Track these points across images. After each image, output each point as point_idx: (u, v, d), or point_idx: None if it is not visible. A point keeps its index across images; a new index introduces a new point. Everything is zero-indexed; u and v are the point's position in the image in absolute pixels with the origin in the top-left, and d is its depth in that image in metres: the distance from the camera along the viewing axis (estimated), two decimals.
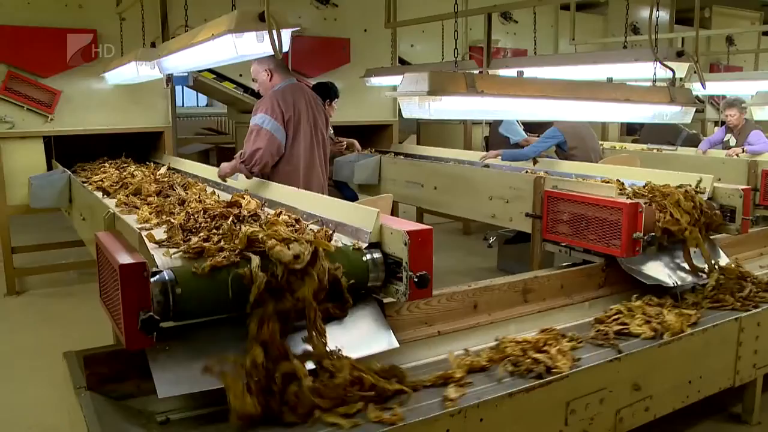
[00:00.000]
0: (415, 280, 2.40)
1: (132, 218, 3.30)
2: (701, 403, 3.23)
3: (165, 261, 2.22)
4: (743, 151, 6.38)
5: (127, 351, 2.09)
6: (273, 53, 2.68)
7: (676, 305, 3.36)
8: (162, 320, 2.08)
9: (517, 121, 6.41)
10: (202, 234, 2.46)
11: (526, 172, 5.14)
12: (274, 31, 2.61)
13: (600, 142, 7.42)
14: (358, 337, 2.50)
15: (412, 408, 2.29)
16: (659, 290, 3.52)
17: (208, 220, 2.73)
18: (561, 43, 9.10)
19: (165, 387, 2.13)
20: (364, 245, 2.54)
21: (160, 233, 2.60)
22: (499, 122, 6.51)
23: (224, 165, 4.14)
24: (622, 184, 4.07)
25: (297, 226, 2.60)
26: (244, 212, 2.89)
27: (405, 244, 2.40)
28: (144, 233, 2.50)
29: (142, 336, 2.03)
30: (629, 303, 3.36)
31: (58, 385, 2.58)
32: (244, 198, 3.11)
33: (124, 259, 2.07)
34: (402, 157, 6.58)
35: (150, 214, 3.36)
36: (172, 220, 2.83)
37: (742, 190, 3.86)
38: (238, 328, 2.22)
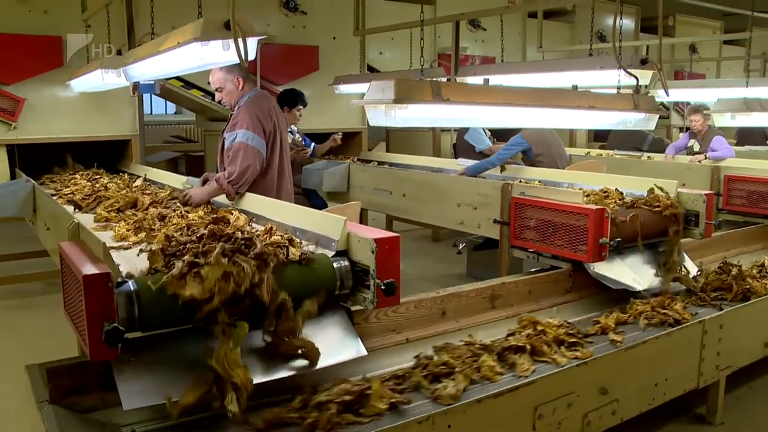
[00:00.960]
0: (383, 287, 2.39)
1: (107, 235, 3.08)
2: (667, 405, 3.27)
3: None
4: (706, 158, 6.50)
5: (91, 363, 2.06)
6: (239, 61, 2.66)
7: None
8: (127, 331, 2.05)
9: (484, 129, 6.44)
10: (187, 257, 2.23)
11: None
12: (240, 40, 2.59)
13: (568, 149, 7.52)
14: (326, 346, 2.47)
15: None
16: (626, 294, 3.56)
17: (194, 240, 2.48)
18: (529, 50, 9.19)
19: (130, 399, 2.10)
20: (332, 253, 2.53)
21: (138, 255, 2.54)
22: (465, 130, 6.54)
23: (197, 192, 3.79)
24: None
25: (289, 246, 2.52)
26: (230, 231, 2.58)
27: (372, 252, 2.39)
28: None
29: (107, 347, 2.00)
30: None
31: (20, 399, 2.52)
32: (231, 214, 2.98)
33: (88, 269, 2.04)
34: (371, 164, 6.58)
35: (127, 230, 3.11)
36: (152, 246, 2.48)
37: (705, 195, 3.92)
38: (204, 337, 2.20)
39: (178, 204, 3.65)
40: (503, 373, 2.68)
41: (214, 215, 3.04)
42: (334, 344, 2.51)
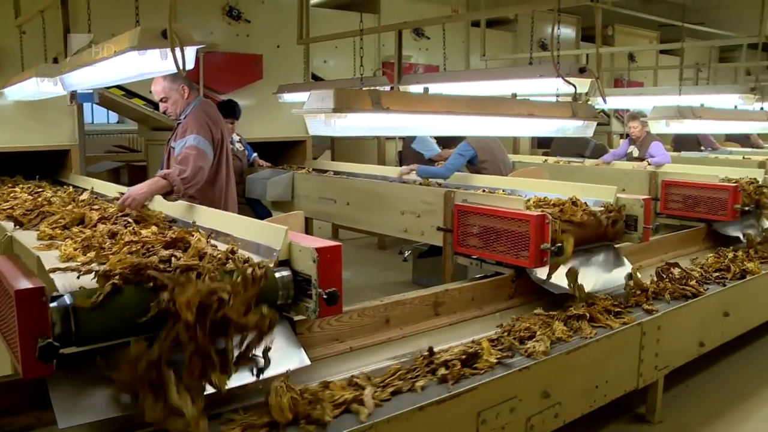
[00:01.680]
0: (325, 297, 2.39)
1: (53, 255, 2.79)
2: (608, 405, 3.32)
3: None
4: (648, 164, 6.67)
5: (25, 381, 2.00)
6: (177, 71, 2.63)
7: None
8: (63, 346, 2.00)
9: (431, 135, 6.49)
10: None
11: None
12: (177, 49, 2.56)
13: (512, 155, 7.62)
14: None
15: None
16: (568, 299, 3.61)
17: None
18: (472, 58, 9.30)
19: (66, 417, 2.04)
20: (273, 263, 2.52)
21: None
22: (411, 138, 6.58)
23: (136, 191, 3.56)
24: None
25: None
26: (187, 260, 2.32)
27: (314, 261, 2.39)
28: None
29: (41, 364, 1.94)
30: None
31: None
32: (192, 235, 2.70)
33: (21, 284, 1.98)
34: (315, 172, 6.56)
35: (75, 249, 2.80)
36: (96, 268, 2.25)
37: (643, 200, 4.03)
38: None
39: (129, 220, 3.33)
40: (572, 335, 3.16)
41: (171, 232, 2.87)
42: (277, 354, 2.49)
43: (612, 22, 11.34)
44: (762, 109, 5.51)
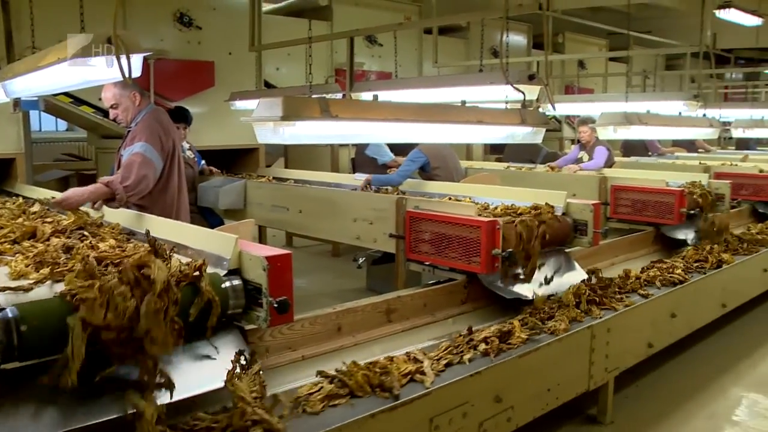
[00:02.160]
0: (275, 305, 2.37)
1: (2, 272, 2.63)
2: (560, 408, 3.36)
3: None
4: (580, 169, 6.80)
5: None
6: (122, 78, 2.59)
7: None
8: (4, 362, 1.94)
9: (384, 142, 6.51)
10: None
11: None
12: (124, 56, 2.52)
13: (465, 162, 7.69)
14: (220, 367, 2.43)
15: None
16: (519, 304, 3.65)
17: None
18: (425, 65, 9.35)
19: None
20: (223, 272, 2.49)
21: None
22: (365, 144, 6.58)
23: (72, 193, 3.54)
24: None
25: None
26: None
27: (264, 270, 2.38)
28: None
29: None
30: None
31: None
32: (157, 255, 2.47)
33: None
34: (267, 180, 6.51)
35: (27, 266, 2.62)
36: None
37: (592, 204, 4.09)
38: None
39: (85, 233, 3.17)
40: (584, 317, 3.55)
41: (130, 244, 2.81)
42: (227, 365, 2.47)
43: (562, 30, 11.54)
44: (704, 115, 5.65)
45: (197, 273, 2.32)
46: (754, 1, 7.59)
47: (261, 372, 2.43)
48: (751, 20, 8.32)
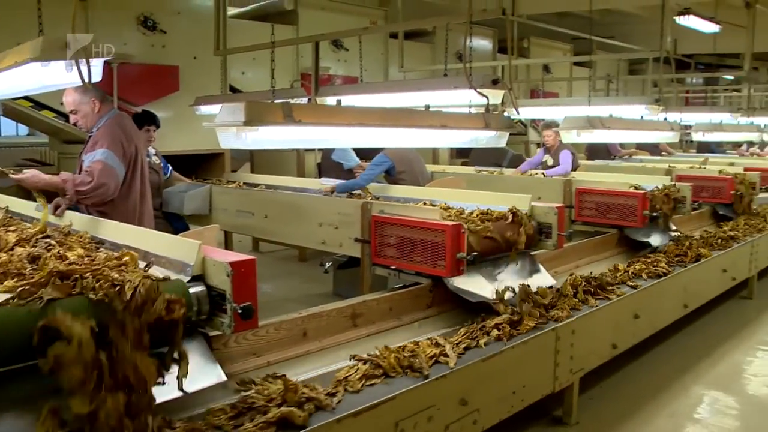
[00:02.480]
0: (240, 311, 2.37)
1: None
2: (526, 409, 3.38)
3: None
4: (543, 175, 6.87)
5: None
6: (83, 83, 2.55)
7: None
8: None
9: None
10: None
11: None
12: (83, 60, 2.49)
13: (431, 166, 7.72)
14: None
15: None
16: (485, 307, 3.66)
17: None
18: (391, 70, 9.38)
19: None
20: (187, 278, 2.48)
21: None
22: (331, 149, 6.58)
23: (36, 175, 3.60)
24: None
25: None
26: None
27: (228, 276, 2.37)
28: None
29: None
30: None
31: None
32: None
33: None
34: (238, 186, 6.47)
35: None
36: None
37: (557, 208, 4.14)
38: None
39: (52, 242, 3.01)
40: (581, 305, 3.85)
41: (100, 253, 2.70)
42: (192, 371, 2.44)
43: (528, 34, 11.67)
44: (665, 119, 5.75)
45: None
46: (711, 8, 7.74)
47: None
48: (709, 27, 8.50)
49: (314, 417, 2.39)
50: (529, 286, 3.75)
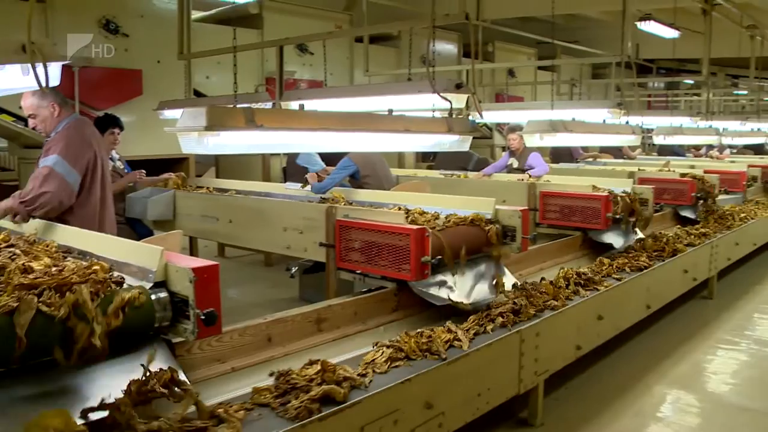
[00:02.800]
0: (203, 317, 2.35)
1: None
2: (492, 412, 3.40)
3: None
4: (529, 176, 6.92)
5: None
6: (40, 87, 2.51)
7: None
8: None
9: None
10: None
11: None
12: (40, 64, 2.45)
13: (397, 169, 7.73)
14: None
15: None
16: (451, 310, 3.67)
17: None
18: (357, 74, 9.39)
19: None
20: (149, 285, 2.45)
21: None
22: (296, 153, 6.55)
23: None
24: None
25: None
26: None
27: (191, 282, 2.35)
28: None
29: None
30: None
31: None
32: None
33: None
34: (208, 191, 6.41)
35: None
36: None
37: (521, 211, 4.16)
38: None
39: (16, 252, 2.85)
40: (575, 296, 4.15)
41: (68, 263, 2.59)
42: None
43: (492, 39, 11.76)
44: (627, 122, 5.83)
45: None
46: (671, 14, 7.90)
47: None
48: (669, 32, 8.67)
49: (350, 394, 2.62)
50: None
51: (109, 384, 2.29)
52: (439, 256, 3.59)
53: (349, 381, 2.66)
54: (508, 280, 4.16)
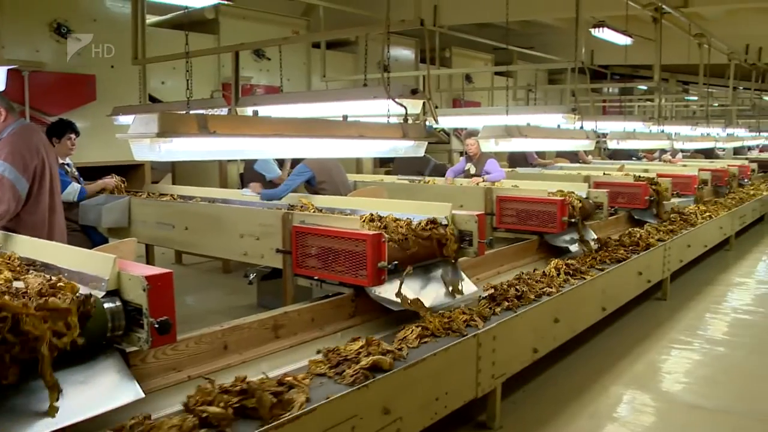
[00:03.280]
0: (156, 326, 2.33)
1: None
2: (450, 416, 3.41)
3: None
4: (483, 180, 6.97)
5: None
6: None
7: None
8: None
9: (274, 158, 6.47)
10: None
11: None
12: None
13: (354, 175, 7.73)
14: (98, 393, 2.35)
15: None
16: (408, 315, 3.68)
17: None
18: (314, 79, 9.37)
19: None
20: (102, 294, 2.41)
21: None
22: (254, 160, 6.51)
23: None
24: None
25: None
26: None
27: (144, 290, 2.33)
28: None
29: None
30: None
31: None
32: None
33: None
34: (152, 197, 6.32)
35: None
36: None
37: (477, 215, 4.20)
38: None
39: None
40: (541, 294, 4.32)
41: (31, 276, 2.58)
42: (108, 389, 2.39)
43: (450, 44, 11.84)
44: (582, 127, 5.92)
45: None
46: (623, 21, 8.06)
47: None
48: (622, 39, 8.84)
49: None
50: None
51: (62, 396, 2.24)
52: (396, 261, 3.60)
53: (391, 354, 3.05)
54: (467, 285, 4.18)
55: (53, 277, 2.46)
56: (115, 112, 6.21)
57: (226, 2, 8.16)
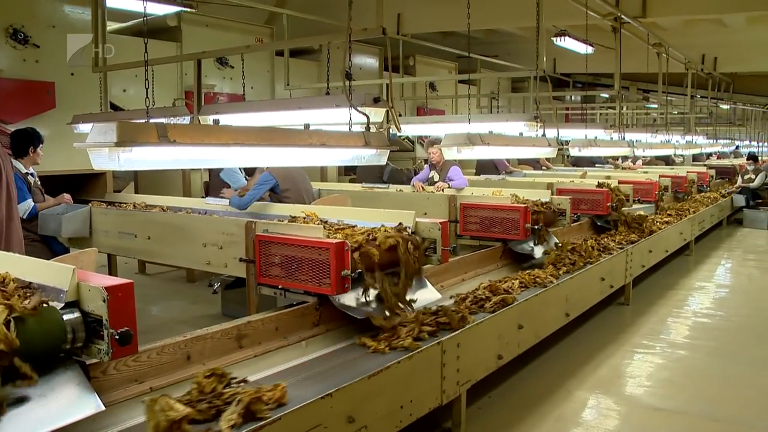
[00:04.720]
0: (117, 337, 2.30)
1: None
2: (416, 423, 3.41)
3: None
4: (449, 186, 7.00)
5: None
6: None
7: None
8: None
9: (240, 168, 6.42)
10: None
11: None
12: None
13: (319, 183, 7.72)
14: (58, 407, 2.31)
15: None
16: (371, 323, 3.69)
17: None
18: (277, 87, 9.33)
19: None
20: (61, 305, 2.37)
21: None
22: (219, 168, 6.47)
23: None
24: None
25: None
26: None
27: (104, 301, 2.30)
28: None
29: None
30: None
31: None
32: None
33: None
34: (113, 206, 6.22)
35: None
36: None
37: (440, 223, 4.21)
38: None
39: None
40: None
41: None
42: (67, 402, 2.35)
43: (414, 53, 11.89)
44: (543, 135, 5.98)
45: None
46: (584, 31, 8.19)
47: None
48: (583, 48, 8.97)
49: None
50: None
51: (17, 408, 2.20)
52: (359, 270, 3.60)
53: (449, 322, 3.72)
54: (430, 292, 4.20)
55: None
56: (75, 120, 6.10)
57: (188, 9, 8.09)
